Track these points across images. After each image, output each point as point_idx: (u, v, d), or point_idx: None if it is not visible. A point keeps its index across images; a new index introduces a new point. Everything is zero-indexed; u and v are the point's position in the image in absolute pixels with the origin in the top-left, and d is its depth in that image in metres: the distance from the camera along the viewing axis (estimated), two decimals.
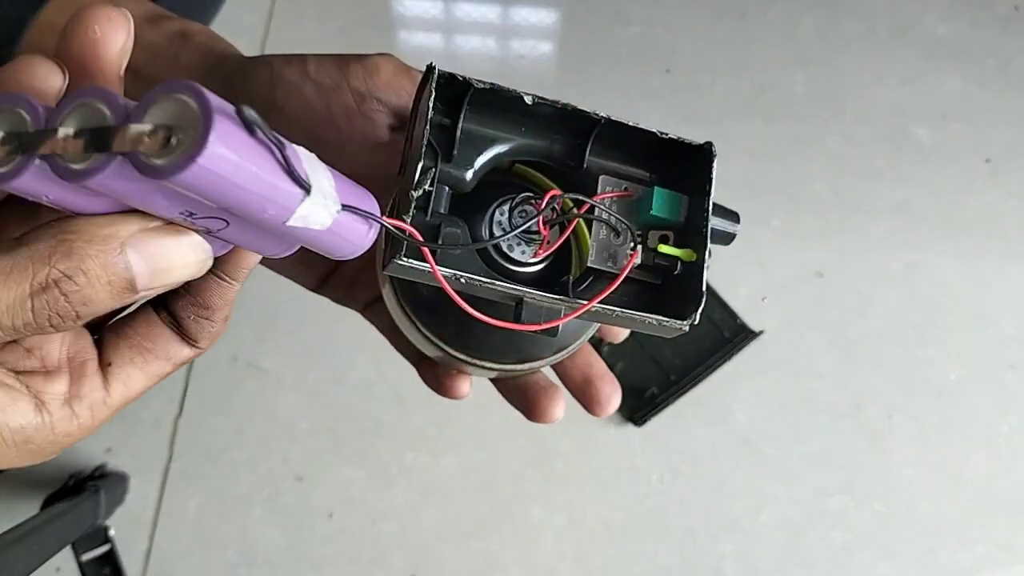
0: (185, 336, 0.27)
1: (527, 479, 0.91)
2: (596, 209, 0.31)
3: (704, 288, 0.30)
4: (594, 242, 0.32)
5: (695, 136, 0.32)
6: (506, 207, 0.33)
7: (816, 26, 1.14)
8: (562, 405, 0.42)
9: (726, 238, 0.33)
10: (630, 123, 0.31)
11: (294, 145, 0.21)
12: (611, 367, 1.01)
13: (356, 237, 0.24)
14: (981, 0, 1.15)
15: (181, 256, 0.23)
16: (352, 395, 0.94)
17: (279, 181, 0.20)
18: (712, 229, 0.32)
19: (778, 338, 0.97)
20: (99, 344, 0.27)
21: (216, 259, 0.25)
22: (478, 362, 0.37)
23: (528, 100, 0.31)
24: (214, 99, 0.19)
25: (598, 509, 0.91)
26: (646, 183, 0.33)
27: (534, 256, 0.33)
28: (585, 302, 0.30)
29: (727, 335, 0.96)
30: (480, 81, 0.30)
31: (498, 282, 0.29)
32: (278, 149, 0.20)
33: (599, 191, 0.32)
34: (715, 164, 0.31)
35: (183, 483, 0.91)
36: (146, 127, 0.19)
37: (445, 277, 0.28)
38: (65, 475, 0.87)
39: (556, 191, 0.31)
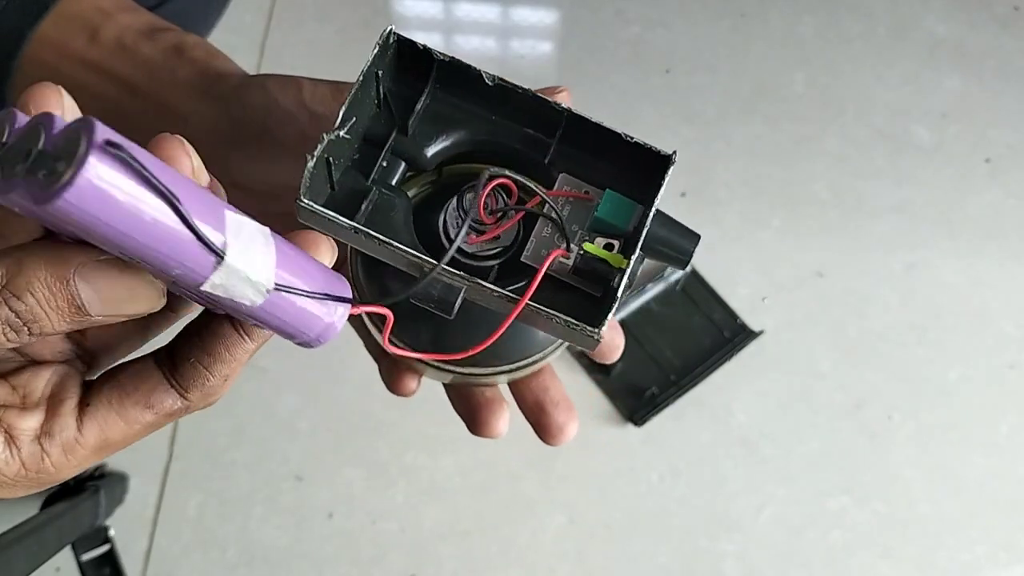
0: (176, 385, 0.26)
1: (527, 479, 0.91)
2: (543, 204, 0.30)
3: (618, 296, 0.28)
4: (534, 238, 0.30)
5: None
6: (460, 195, 0.31)
7: (816, 26, 1.14)
8: (504, 420, 0.40)
9: (680, 256, 0.30)
10: (593, 119, 0.30)
11: (236, 214, 0.21)
12: (611, 367, 1.01)
13: (306, 324, 0.23)
14: (981, 0, 1.15)
15: (130, 290, 0.23)
16: (352, 395, 0.94)
17: (174, 236, 0.19)
18: (663, 242, 0.29)
19: (778, 338, 0.97)
20: (91, 385, 0.27)
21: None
22: (424, 359, 0.36)
23: (488, 80, 0.30)
24: (105, 135, 0.18)
25: (598, 509, 0.91)
26: (608, 186, 0.31)
27: (469, 243, 0.31)
28: (495, 288, 0.28)
29: (727, 335, 0.96)
30: (441, 53, 0.29)
31: (395, 243, 0.28)
32: (172, 202, 0.19)
33: (555, 188, 0.31)
34: (670, 173, 0.29)
35: (183, 483, 0.91)
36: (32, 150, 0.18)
37: (344, 227, 0.28)
38: None
39: (501, 179, 0.29)
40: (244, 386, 0.93)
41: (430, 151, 0.31)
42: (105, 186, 0.18)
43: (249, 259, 0.21)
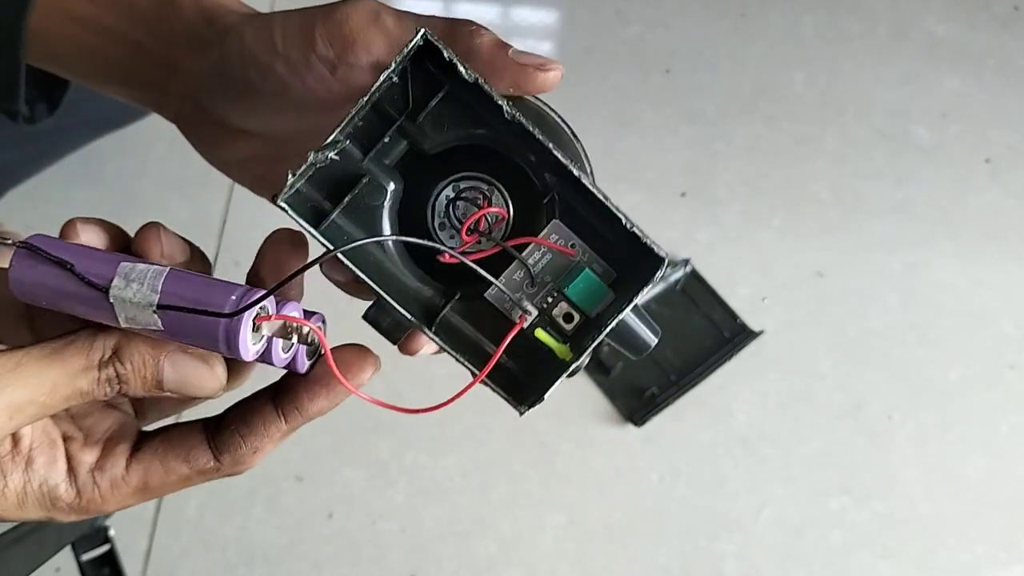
0: (213, 448, 0.31)
1: (527, 479, 0.91)
2: (522, 249, 0.29)
3: (549, 391, 0.28)
4: (504, 279, 0.29)
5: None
6: (458, 185, 0.31)
7: (816, 26, 1.14)
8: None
9: (638, 346, 0.31)
10: (598, 194, 0.28)
11: (135, 263, 0.28)
12: (611, 367, 1.01)
13: (208, 337, 0.28)
14: (981, 0, 1.15)
15: (200, 376, 0.29)
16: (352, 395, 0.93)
17: (72, 287, 0.27)
18: (627, 334, 0.30)
19: (778, 338, 0.97)
20: (143, 436, 0.32)
21: (279, 390, 0.33)
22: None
23: (507, 115, 0.28)
24: (31, 241, 0.28)
25: (598, 509, 0.91)
26: (595, 250, 0.30)
27: (442, 259, 0.30)
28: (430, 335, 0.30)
29: (727, 335, 0.96)
30: (468, 71, 0.28)
31: (366, 237, 0.30)
32: (64, 266, 0.27)
33: (544, 234, 0.29)
34: (658, 275, 0.28)
35: None
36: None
37: (320, 244, 0.30)
38: None
39: (500, 210, 0.30)
40: (244, 385, 0.93)
41: (436, 138, 0.30)
42: (21, 276, 0.28)
43: (133, 289, 0.27)
